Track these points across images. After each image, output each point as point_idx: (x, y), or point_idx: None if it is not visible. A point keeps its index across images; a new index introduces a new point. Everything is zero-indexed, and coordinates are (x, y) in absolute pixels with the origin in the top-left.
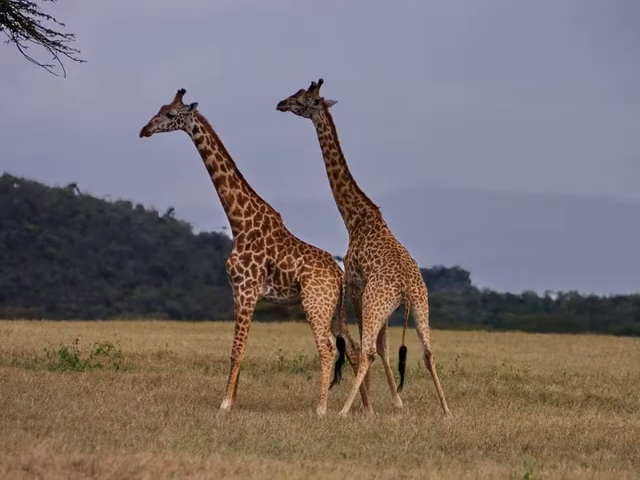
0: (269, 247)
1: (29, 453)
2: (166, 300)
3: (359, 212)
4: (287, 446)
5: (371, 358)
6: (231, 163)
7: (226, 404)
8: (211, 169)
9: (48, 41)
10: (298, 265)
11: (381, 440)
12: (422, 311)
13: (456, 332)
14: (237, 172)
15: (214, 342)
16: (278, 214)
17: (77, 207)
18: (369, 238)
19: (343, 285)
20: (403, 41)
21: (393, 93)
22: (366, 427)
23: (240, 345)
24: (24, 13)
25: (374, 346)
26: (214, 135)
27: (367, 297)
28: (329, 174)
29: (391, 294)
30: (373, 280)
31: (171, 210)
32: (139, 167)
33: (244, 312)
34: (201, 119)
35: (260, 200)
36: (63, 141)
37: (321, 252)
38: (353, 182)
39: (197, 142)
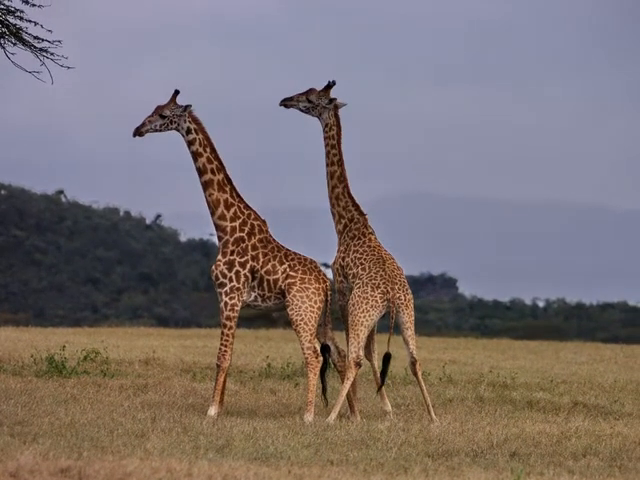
0: (253, 253)
1: (16, 460)
2: (153, 307)
3: (347, 217)
4: (274, 453)
5: (358, 365)
6: (221, 167)
7: (213, 411)
8: (201, 171)
9: (35, 48)
10: (283, 272)
11: (368, 447)
12: (408, 318)
13: (443, 339)
14: (226, 177)
15: (201, 349)
16: (264, 221)
17: (64, 213)
18: (355, 245)
19: (328, 292)
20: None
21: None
22: (353, 434)
23: (225, 351)
24: (11, 20)
25: (361, 353)
26: (207, 138)
27: (353, 304)
28: (327, 174)
29: (377, 301)
30: (359, 287)
31: (158, 217)
32: (127, 174)
33: (228, 318)
34: (195, 121)
35: (247, 207)
36: (50, 147)
37: (306, 259)
38: (346, 186)
39: (189, 143)
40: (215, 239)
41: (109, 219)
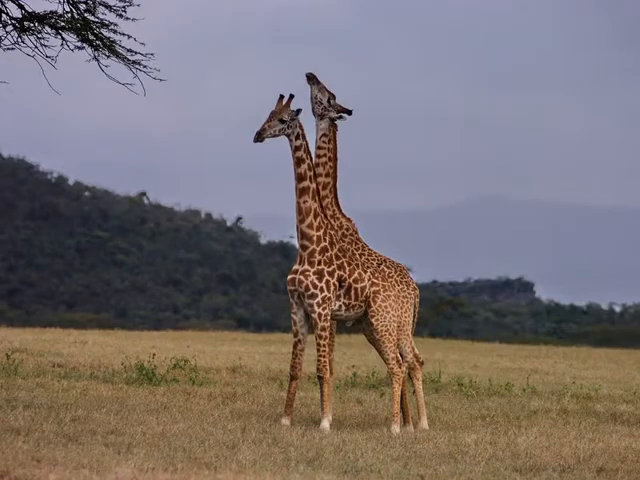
0: (339, 263)
1: (114, 472)
2: (234, 308)
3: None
4: (364, 466)
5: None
6: (315, 175)
7: (326, 423)
8: (301, 177)
9: (128, 60)
10: (368, 280)
11: (457, 461)
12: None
13: (522, 346)
14: (317, 185)
15: (286, 355)
16: (350, 223)
17: (147, 215)
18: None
19: (416, 300)
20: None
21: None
22: (441, 447)
23: (325, 362)
24: (105, 33)
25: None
26: (308, 144)
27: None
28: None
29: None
30: None
31: (239, 219)
32: (208, 176)
33: (323, 328)
34: (301, 126)
35: (332, 216)
36: (133, 150)
37: (393, 263)
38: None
39: (297, 148)
40: (295, 241)
41: (190, 221)
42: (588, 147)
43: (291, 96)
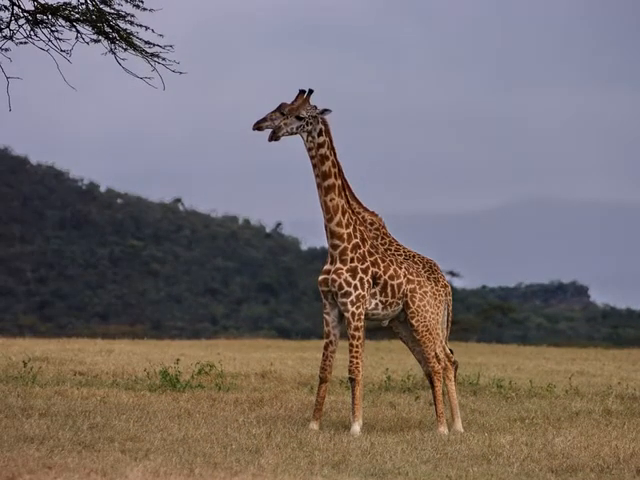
0: (372, 259)
1: (125, 476)
2: (274, 317)
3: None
4: (392, 469)
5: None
6: (340, 171)
7: (357, 427)
8: (326, 175)
9: (146, 53)
10: (404, 276)
11: (489, 462)
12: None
13: (572, 349)
14: (343, 181)
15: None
16: (375, 218)
17: (182, 222)
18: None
19: (449, 297)
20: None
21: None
22: (474, 449)
23: (358, 363)
24: (122, 24)
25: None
26: (332, 140)
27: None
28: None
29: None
30: None
31: (279, 225)
32: (245, 181)
33: (356, 328)
34: (324, 122)
35: (358, 212)
36: (166, 155)
37: (423, 259)
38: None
39: (319, 145)
40: None
41: (228, 227)
42: None
43: (310, 91)
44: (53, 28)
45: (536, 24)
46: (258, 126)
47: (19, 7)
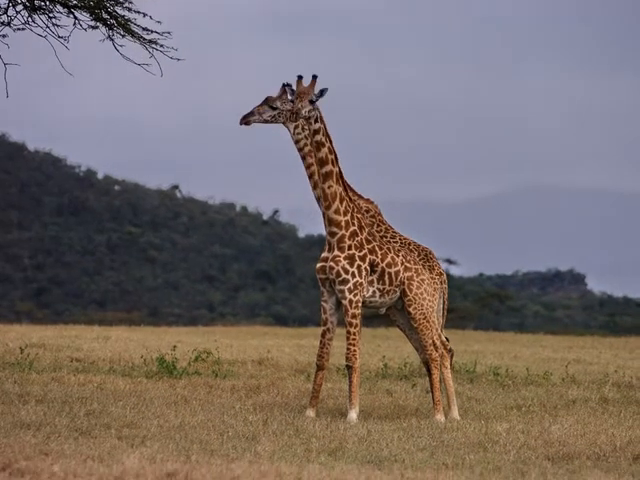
0: (369, 247)
1: (121, 463)
2: (271, 305)
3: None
4: (388, 456)
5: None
6: (337, 158)
7: (353, 414)
8: (323, 162)
9: (144, 39)
10: (402, 264)
11: (486, 449)
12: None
13: (569, 337)
14: (340, 168)
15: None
16: (371, 205)
17: (180, 209)
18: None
19: (444, 285)
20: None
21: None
22: (471, 436)
23: (355, 351)
24: (120, 11)
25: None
26: (326, 126)
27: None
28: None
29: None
30: None
31: (276, 212)
32: (243, 168)
33: (354, 316)
34: (318, 108)
35: (353, 199)
36: (164, 142)
37: (419, 247)
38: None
39: (315, 132)
40: None
41: (225, 215)
42: None
43: (314, 77)
44: (51, 14)
45: (536, 16)
46: (246, 120)
47: None
